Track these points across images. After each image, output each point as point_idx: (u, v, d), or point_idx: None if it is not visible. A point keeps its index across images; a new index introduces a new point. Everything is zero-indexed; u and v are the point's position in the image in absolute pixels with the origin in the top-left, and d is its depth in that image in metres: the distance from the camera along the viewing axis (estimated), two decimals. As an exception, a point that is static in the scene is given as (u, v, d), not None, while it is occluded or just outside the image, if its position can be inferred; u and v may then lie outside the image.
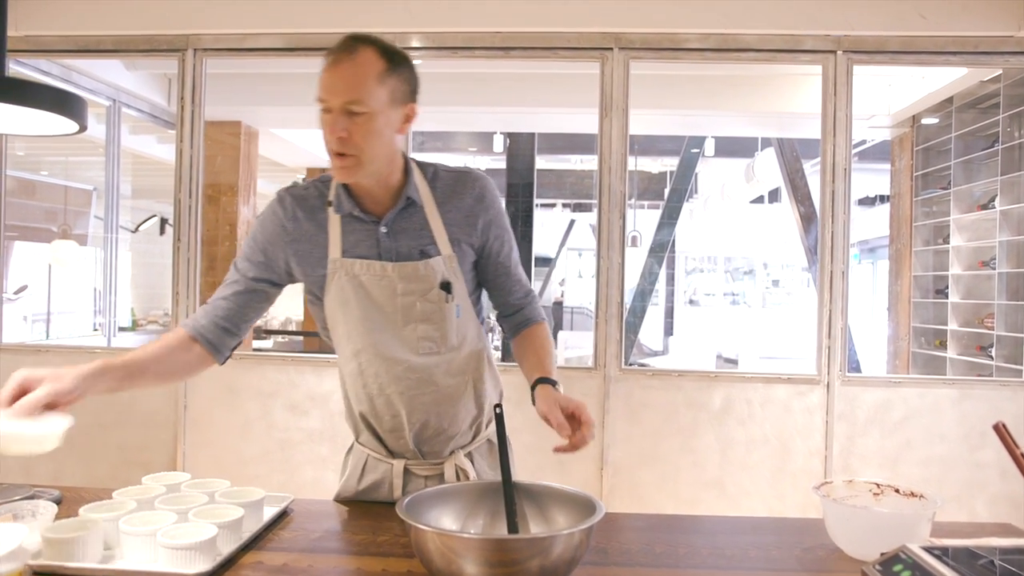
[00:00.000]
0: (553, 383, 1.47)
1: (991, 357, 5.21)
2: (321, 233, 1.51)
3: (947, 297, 5.70)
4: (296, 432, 3.20)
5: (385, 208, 1.50)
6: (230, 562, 1.26)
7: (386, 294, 1.48)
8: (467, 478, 1.58)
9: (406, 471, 1.60)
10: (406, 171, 1.52)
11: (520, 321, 1.64)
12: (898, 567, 1.17)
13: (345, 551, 1.34)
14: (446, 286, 1.50)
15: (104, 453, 3.27)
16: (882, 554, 1.23)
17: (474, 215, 1.54)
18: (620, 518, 1.60)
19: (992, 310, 5.25)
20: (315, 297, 1.56)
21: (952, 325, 5.63)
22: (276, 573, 1.23)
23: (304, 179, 1.61)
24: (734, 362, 10.60)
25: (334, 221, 1.50)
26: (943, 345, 5.71)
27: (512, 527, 1.30)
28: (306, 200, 1.53)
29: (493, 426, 1.65)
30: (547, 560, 1.10)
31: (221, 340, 1.55)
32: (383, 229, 1.48)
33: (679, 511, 3.05)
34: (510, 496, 1.32)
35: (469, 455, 1.62)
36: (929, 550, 1.19)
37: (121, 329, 7.06)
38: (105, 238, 4.44)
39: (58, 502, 1.55)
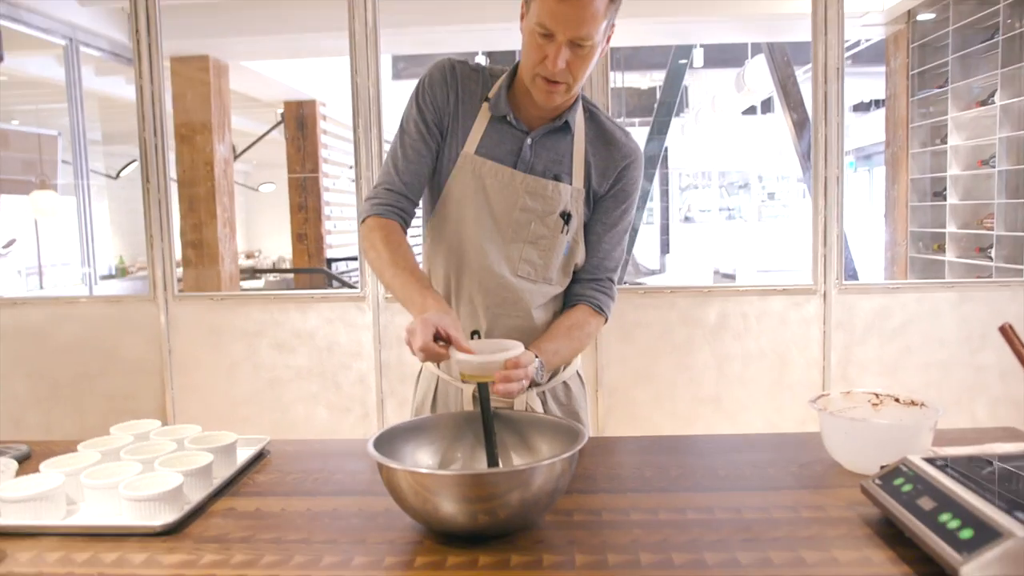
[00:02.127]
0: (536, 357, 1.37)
1: (990, 258, 5.12)
2: (468, 122, 1.47)
3: (945, 199, 5.58)
4: (284, 371, 3.14)
5: (538, 122, 1.47)
6: (199, 511, 1.20)
7: (505, 205, 1.45)
8: None
9: (476, 400, 1.53)
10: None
11: (578, 294, 1.55)
12: (899, 480, 1.11)
13: (320, 492, 1.28)
14: (566, 216, 1.48)
15: (93, 403, 3.22)
16: (882, 467, 1.18)
17: (615, 169, 1.51)
18: (609, 442, 1.55)
19: (991, 210, 5.14)
20: (434, 184, 1.53)
21: (950, 227, 5.53)
22: (247, 519, 1.17)
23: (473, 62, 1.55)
24: (732, 277, 10.56)
25: (482, 117, 1.47)
26: (941, 249, 5.62)
27: (492, 459, 1.23)
28: (469, 83, 1.49)
29: (572, 369, 1.61)
30: (528, 492, 1.04)
31: (411, 214, 1.52)
32: (529, 140, 1.46)
33: (676, 429, 3.03)
34: (489, 427, 1.25)
35: (543, 394, 1.56)
36: (931, 461, 1.13)
37: (104, 277, 6.97)
38: (76, 185, 4.30)
39: (27, 457, 1.49)
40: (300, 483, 1.33)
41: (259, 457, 1.47)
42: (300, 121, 7.07)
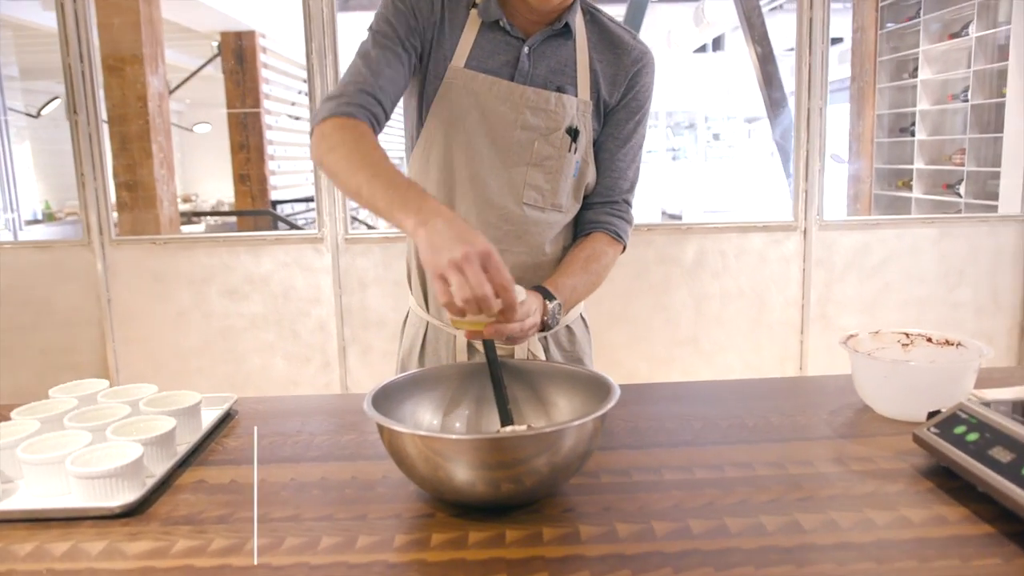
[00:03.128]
0: (550, 297, 1.21)
1: (959, 195, 5.11)
2: (455, 33, 1.27)
3: (913, 135, 5.52)
4: (237, 319, 2.93)
5: (534, 28, 1.29)
6: (163, 485, 1.03)
7: (504, 123, 1.27)
8: None
9: (471, 347, 1.36)
10: None
11: (592, 221, 1.37)
12: (960, 428, 1.00)
13: (304, 458, 1.12)
14: (573, 132, 1.29)
15: (25, 360, 2.96)
16: (930, 414, 1.07)
17: (625, 76, 1.34)
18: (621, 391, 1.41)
19: (960, 146, 5.11)
20: (417, 108, 1.32)
21: (918, 164, 5.48)
22: (222, 493, 1.01)
23: None
24: (678, 218, 10.53)
25: (471, 26, 1.27)
26: (906, 186, 5.59)
27: (505, 417, 1.08)
28: None
29: (575, 311, 1.45)
30: (557, 456, 0.89)
31: (382, 125, 1.24)
32: (526, 49, 1.28)
33: (652, 372, 2.94)
34: (498, 380, 1.10)
35: (544, 340, 1.39)
36: (992, 405, 1.03)
37: (29, 222, 6.52)
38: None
39: (-51, 425, 1.28)
40: (278, 447, 1.17)
41: (225, 418, 1.30)
42: (239, 54, 6.63)
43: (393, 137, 10.26)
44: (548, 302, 1.20)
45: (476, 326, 1.04)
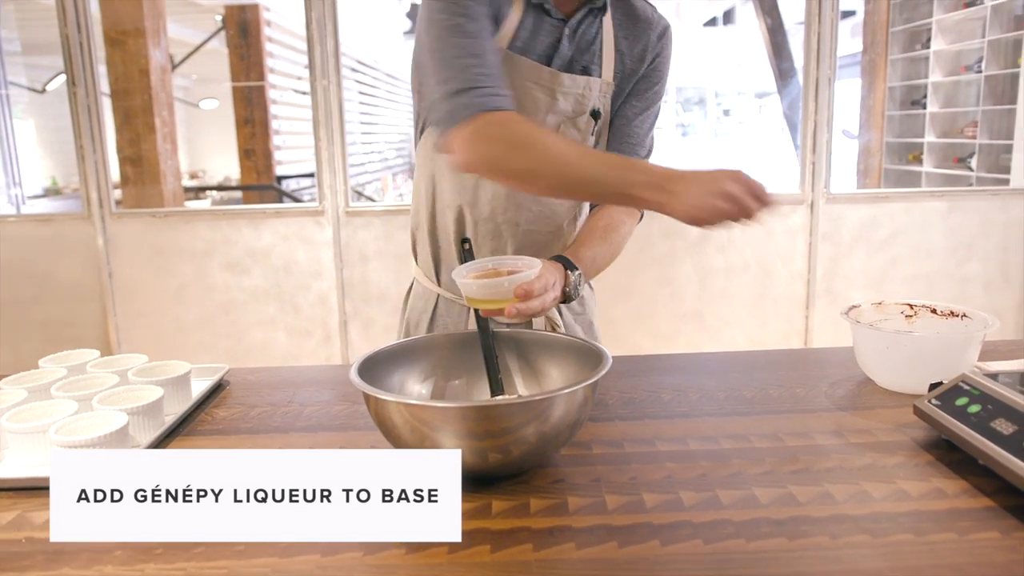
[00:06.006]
0: (572, 267, 1.17)
1: (970, 168, 5.01)
2: (501, 12, 1.20)
3: (924, 108, 5.41)
4: (238, 293, 2.91)
5: (571, 6, 1.24)
6: (149, 455, 1.01)
7: (535, 108, 1.24)
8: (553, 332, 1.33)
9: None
10: None
11: None
12: (962, 400, 0.98)
13: (293, 428, 1.10)
14: (596, 115, 1.27)
15: (27, 332, 2.96)
16: (932, 386, 1.04)
17: (652, 51, 1.31)
18: (615, 362, 1.39)
19: (972, 119, 5.01)
20: None
21: (929, 137, 5.38)
22: (208, 463, 0.99)
23: None
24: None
25: (517, 6, 1.21)
26: (917, 160, 5.49)
27: (496, 387, 1.06)
28: None
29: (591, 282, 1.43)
30: (546, 425, 0.88)
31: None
32: (567, 31, 1.23)
33: (657, 346, 2.91)
34: (489, 351, 1.08)
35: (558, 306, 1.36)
36: (995, 377, 1.00)
37: (33, 197, 6.52)
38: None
39: (-60, 395, 1.27)
40: (268, 418, 1.15)
41: (217, 389, 1.28)
42: (243, 27, 6.56)
43: (401, 117, 10.14)
44: (570, 272, 1.17)
45: (496, 304, 1.02)
